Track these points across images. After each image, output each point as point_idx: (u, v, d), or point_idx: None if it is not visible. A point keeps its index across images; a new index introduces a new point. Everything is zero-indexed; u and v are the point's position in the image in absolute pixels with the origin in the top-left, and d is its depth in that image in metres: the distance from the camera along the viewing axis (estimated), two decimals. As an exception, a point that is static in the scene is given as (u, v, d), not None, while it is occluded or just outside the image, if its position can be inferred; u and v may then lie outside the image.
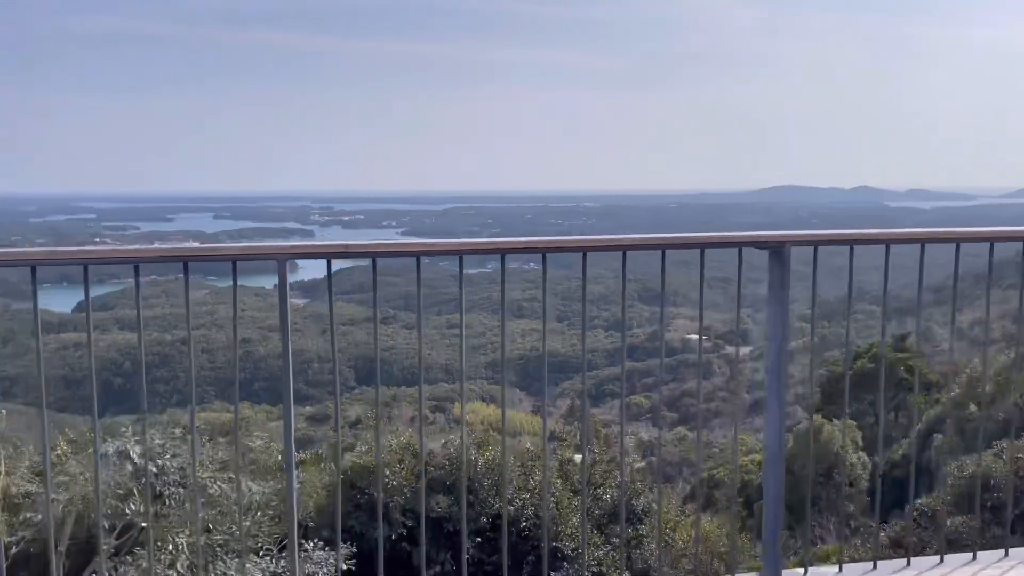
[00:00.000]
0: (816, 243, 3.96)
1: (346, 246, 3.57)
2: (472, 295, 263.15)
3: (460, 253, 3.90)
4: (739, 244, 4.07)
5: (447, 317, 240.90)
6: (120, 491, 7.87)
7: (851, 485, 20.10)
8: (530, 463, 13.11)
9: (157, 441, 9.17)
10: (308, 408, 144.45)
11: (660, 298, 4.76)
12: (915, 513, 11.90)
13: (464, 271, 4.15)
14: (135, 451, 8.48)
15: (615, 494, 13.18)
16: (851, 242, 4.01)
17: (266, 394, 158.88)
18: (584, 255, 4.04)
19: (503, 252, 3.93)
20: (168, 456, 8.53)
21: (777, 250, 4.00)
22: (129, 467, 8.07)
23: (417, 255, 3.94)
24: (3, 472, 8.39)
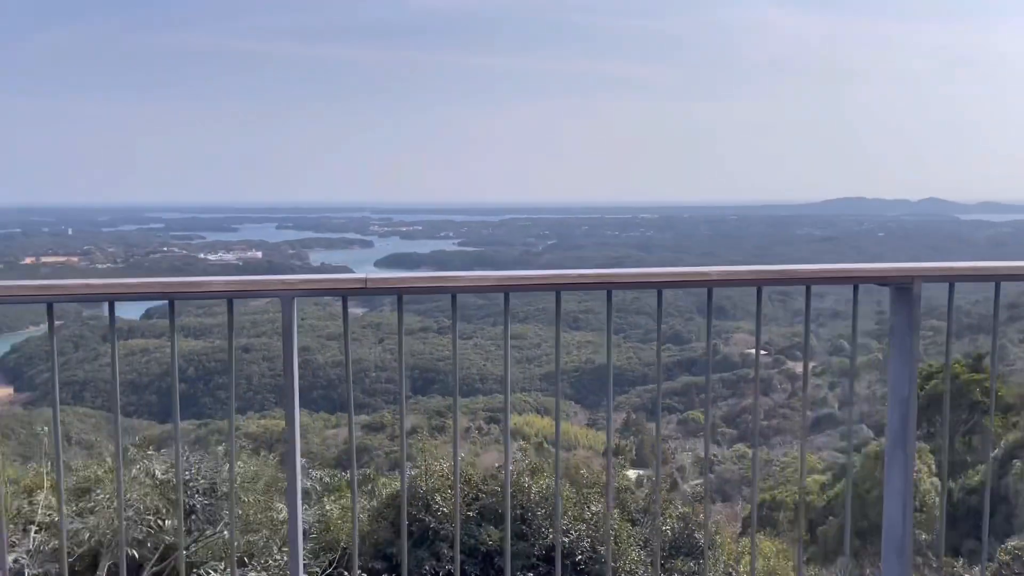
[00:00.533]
0: (952, 278, 3.19)
1: (366, 281, 3.07)
2: (526, 306, 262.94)
3: (504, 290, 3.33)
4: (855, 280, 3.29)
5: (502, 328, 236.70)
6: (151, 514, 7.75)
7: (920, 510, 19.31)
8: (587, 490, 12.24)
9: (191, 458, 8.70)
10: (364, 416, 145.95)
11: (719, 311, 3.94)
12: (1007, 558, 11.29)
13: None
14: (159, 468, 8.21)
15: (677, 526, 12.27)
16: (996, 277, 3.19)
17: (324, 402, 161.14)
18: (659, 294, 3.29)
19: (557, 288, 3.40)
20: (194, 470, 8.26)
21: (904, 287, 3.18)
22: (148, 480, 8.00)
23: (452, 291, 3.33)
24: (46, 487, 8.44)
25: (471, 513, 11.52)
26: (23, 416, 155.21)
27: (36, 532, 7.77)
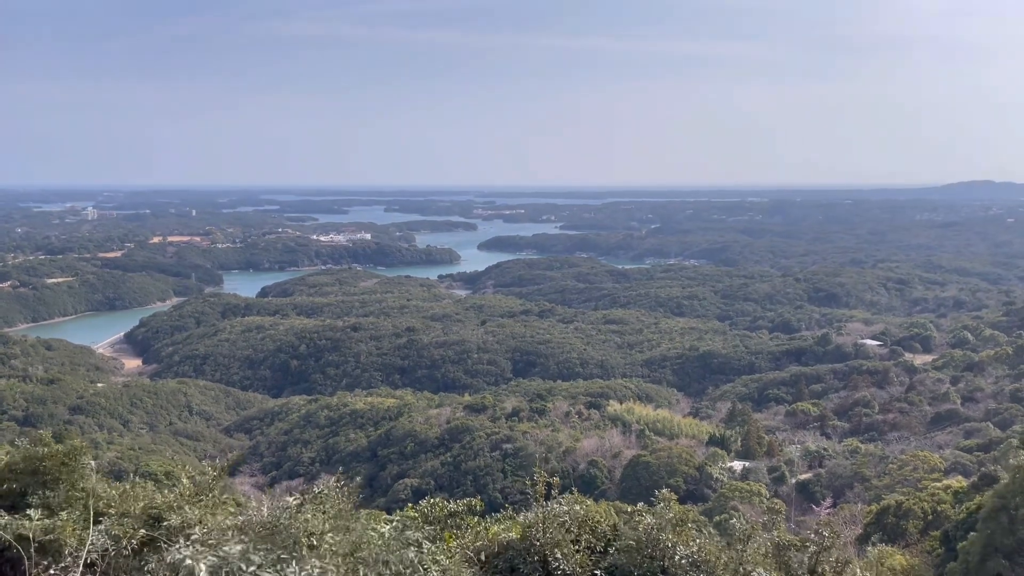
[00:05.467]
0: None
1: None
2: (629, 291, 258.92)
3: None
4: None
5: (603, 312, 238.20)
6: None
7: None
8: (741, 548, 10.60)
9: (235, 547, 7.69)
10: (466, 397, 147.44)
11: (831, 299, 3.49)
12: None
13: (621, 267, 3.40)
14: (202, 566, 7.22)
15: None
16: None
17: (428, 381, 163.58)
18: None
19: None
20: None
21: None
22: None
23: None
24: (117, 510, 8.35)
25: (598, 573, 9.95)
26: (149, 387, 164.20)
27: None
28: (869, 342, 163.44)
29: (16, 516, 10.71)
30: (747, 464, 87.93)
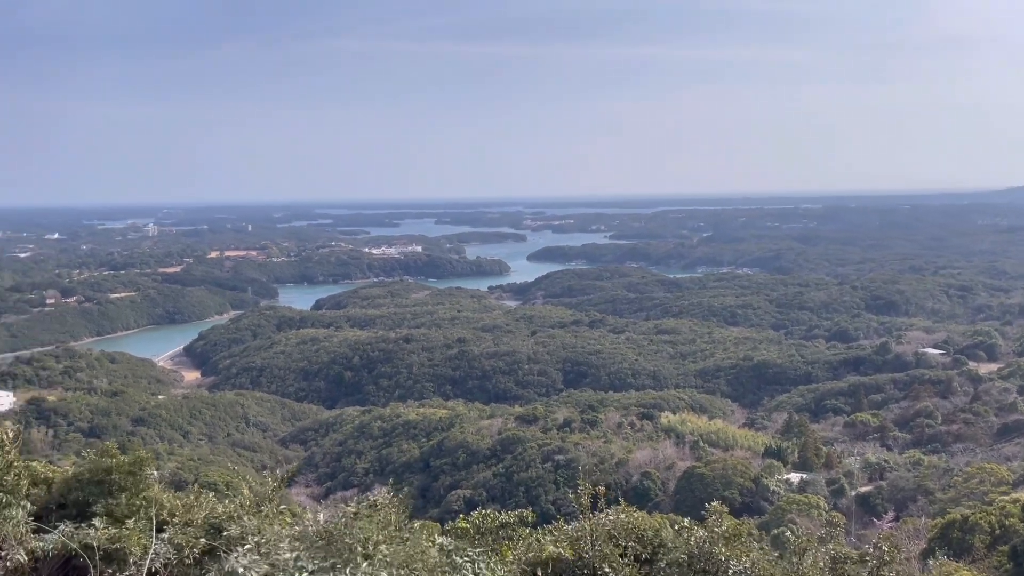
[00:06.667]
0: None
1: None
2: (681, 300, 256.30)
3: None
4: None
5: (655, 322, 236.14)
6: None
7: None
8: (796, 560, 10.21)
9: (288, 555, 7.83)
10: (517, 408, 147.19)
11: (890, 307, 3.50)
12: None
13: (673, 276, 3.43)
14: (254, 574, 7.41)
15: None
16: None
17: (479, 392, 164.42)
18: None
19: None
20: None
21: None
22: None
23: None
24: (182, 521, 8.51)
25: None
26: (208, 398, 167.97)
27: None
28: (931, 351, 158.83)
29: (82, 525, 11.08)
30: (804, 476, 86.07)
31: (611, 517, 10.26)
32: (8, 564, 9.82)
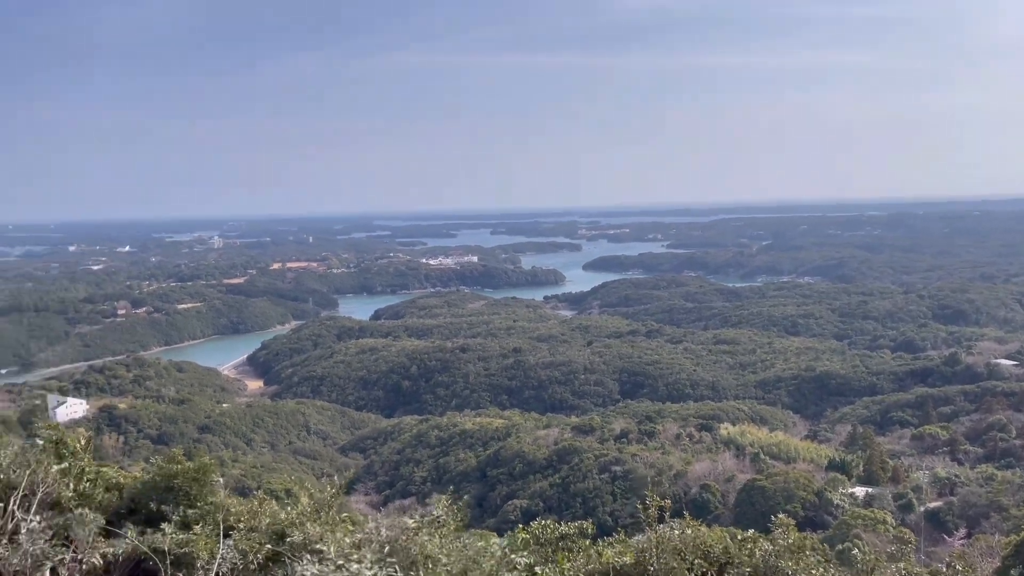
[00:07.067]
0: None
1: None
2: (741, 310, 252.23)
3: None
4: None
5: (714, 332, 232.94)
6: None
7: None
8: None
9: (358, 565, 7.72)
10: (573, 418, 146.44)
11: (958, 316, 3.43)
12: None
13: (731, 285, 3.41)
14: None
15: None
16: None
17: (535, 402, 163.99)
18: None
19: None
20: None
21: None
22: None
23: None
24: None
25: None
26: (270, 407, 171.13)
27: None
28: (1004, 362, 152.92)
29: (152, 530, 11.42)
30: (870, 490, 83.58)
31: (677, 532, 10.10)
32: (84, 567, 10.17)
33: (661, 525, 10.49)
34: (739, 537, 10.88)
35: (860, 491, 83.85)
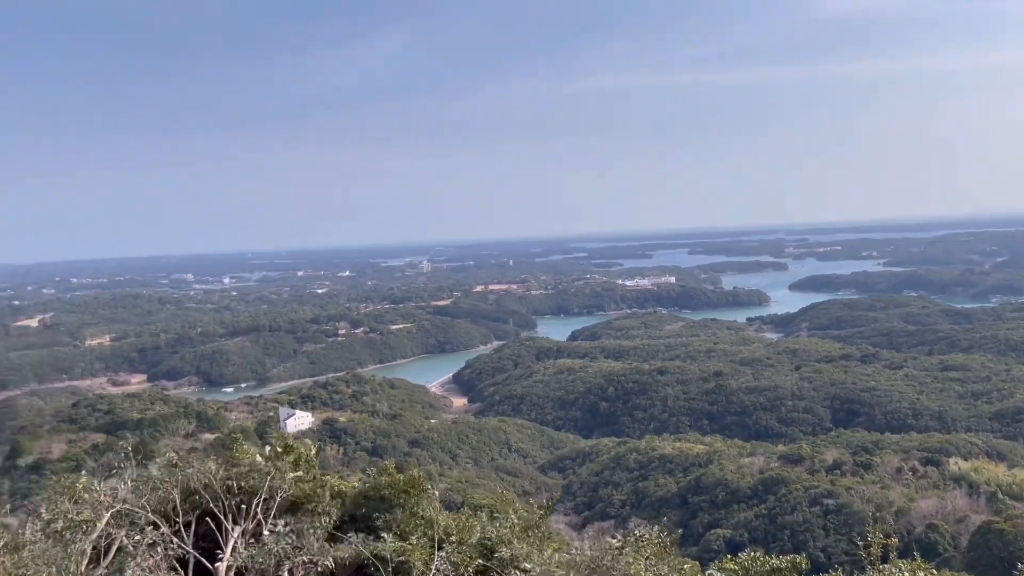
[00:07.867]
0: None
1: None
2: (971, 333, 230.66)
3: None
4: None
5: (940, 357, 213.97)
6: None
7: None
8: None
9: None
10: (780, 446, 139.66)
11: None
12: None
13: (960, 306, 3.17)
14: None
15: None
16: None
17: (737, 428, 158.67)
18: None
19: None
20: None
21: None
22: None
23: None
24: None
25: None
26: (474, 424, 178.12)
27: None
28: None
29: (372, 537, 12.27)
30: None
31: (907, 574, 9.29)
32: (318, 568, 11.14)
33: (885, 565, 9.70)
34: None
35: None
